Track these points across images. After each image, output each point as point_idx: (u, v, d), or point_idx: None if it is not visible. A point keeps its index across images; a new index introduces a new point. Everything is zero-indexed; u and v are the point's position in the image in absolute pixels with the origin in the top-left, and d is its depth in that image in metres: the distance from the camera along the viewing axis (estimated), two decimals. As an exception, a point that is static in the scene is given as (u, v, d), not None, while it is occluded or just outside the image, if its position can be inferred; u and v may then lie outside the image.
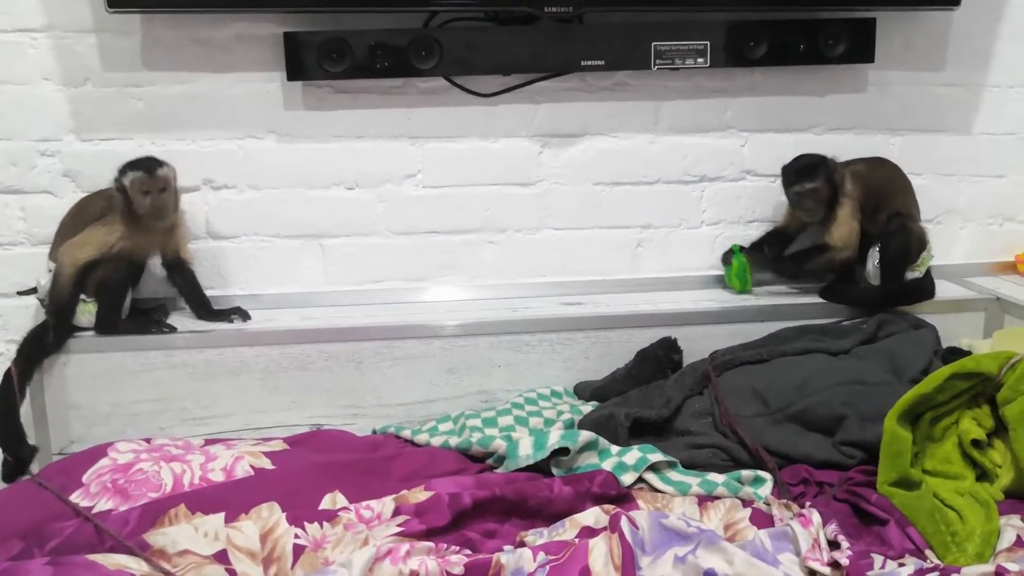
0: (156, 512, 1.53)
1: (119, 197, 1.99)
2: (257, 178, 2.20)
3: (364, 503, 1.56)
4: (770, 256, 2.30)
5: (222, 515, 1.51)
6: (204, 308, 2.12)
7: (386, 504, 1.55)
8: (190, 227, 2.15)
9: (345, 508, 1.55)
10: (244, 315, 2.11)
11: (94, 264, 1.99)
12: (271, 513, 1.51)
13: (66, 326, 2.00)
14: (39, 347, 1.97)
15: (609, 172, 2.32)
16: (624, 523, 1.43)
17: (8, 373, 1.93)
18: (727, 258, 2.32)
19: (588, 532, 1.50)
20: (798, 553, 1.42)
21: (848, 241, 2.21)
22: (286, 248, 2.24)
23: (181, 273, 2.11)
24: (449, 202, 2.27)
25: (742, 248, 2.31)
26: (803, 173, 2.20)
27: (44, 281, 2.02)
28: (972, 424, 1.71)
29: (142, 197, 1.97)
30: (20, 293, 2.14)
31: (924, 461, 1.70)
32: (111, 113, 2.12)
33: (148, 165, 1.99)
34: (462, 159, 2.26)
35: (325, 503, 1.59)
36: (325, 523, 1.50)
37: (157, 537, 1.46)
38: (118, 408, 2.02)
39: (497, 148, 2.27)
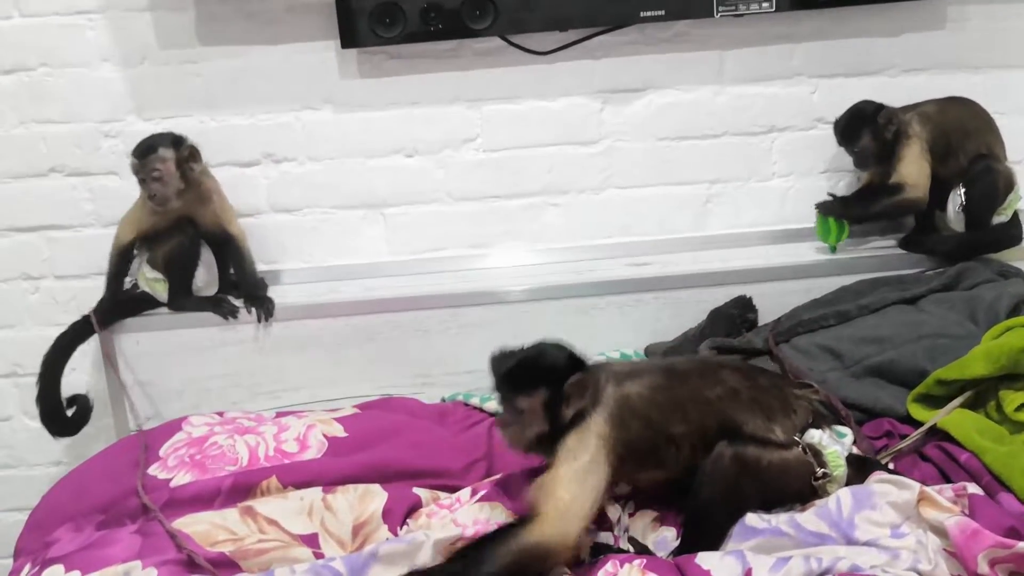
0: (248, 483, 1.54)
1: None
2: (316, 149, 2.19)
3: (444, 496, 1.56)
4: (837, 200, 2.20)
5: (319, 489, 1.51)
6: (248, 287, 2.07)
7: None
8: (226, 199, 2.09)
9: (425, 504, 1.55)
10: (267, 312, 2.03)
11: (155, 240, 2.00)
12: (371, 499, 1.50)
13: (110, 307, 2.02)
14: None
15: (673, 126, 2.25)
16: None
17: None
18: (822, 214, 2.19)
19: None
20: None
21: (918, 179, 2.10)
22: (347, 219, 2.23)
23: (231, 249, 2.07)
24: (509, 165, 2.23)
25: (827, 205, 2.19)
26: (847, 132, 2.12)
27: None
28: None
29: (140, 184, 1.95)
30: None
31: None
32: (169, 91, 2.13)
33: (141, 149, 1.95)
34: (521, 120, 2.21)
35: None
36: (409, 521, 1.49)
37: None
38: (190, 384, 2.04)
39: (556, 107, 2.21)
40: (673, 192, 2.28)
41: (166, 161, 1.95)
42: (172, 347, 2.03)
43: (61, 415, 2.00)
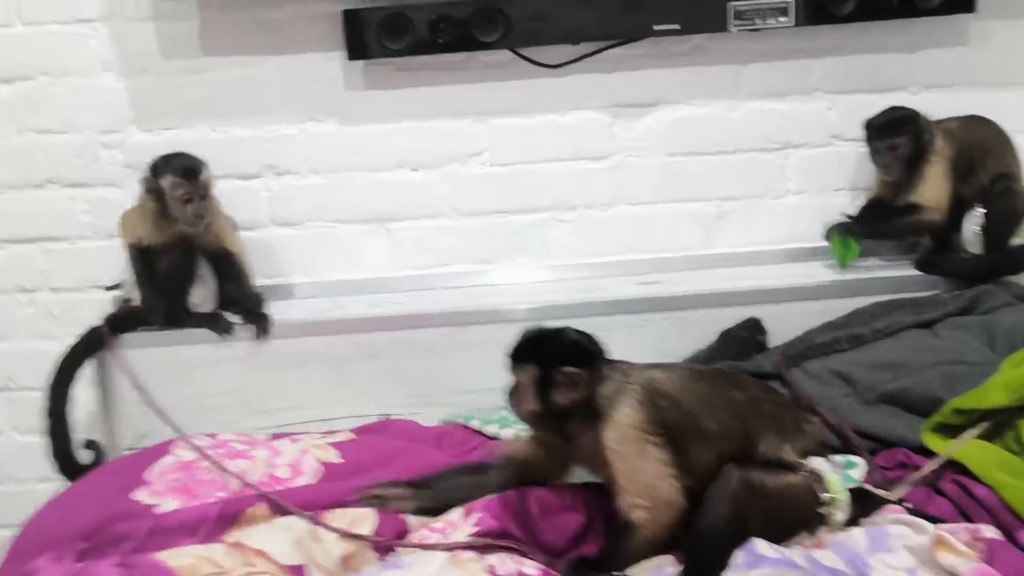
0: (235, 510, 1.50)
1: (150, 196, 1.90)
2: (319, 162, 2.15)
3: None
4: (854, 219, 2.14)
5: (307, 520, 1.47)
6: (246, 303, 2.02)
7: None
8: (228, 215, 2.05)
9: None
10: (265, 328, 1.99)
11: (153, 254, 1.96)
12: (359, 526, 1.46)
13: (165, 307, 1.96)
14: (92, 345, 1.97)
15: (686, 142, 2.20)
16: None
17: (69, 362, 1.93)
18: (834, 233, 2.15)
19: None
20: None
21: (938, 202, 2.05)
22: (350, 233, 2.19)
23: (228, 265, 2.02)
24: (517, 180, 2.19)
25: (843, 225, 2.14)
26: (887, 128, 2.06)
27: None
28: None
29: (182, 205, 1.88)
30: (107, 288, 2.10)
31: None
32: (171, 101, 2.10)
33: (189, 168, 1.88)
34: (530, 134, 2.17)
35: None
36: (399, 548, 1.45)
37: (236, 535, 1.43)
38: (185, 402, 1.98)
39: (566, 121, 2.17)
40: (684, 209, 2.24)
41: (211, 181, 1.91)
42: (167, 364, 1.98)
43: (73, 459, 1.94)
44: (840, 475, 1.46)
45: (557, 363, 1.43)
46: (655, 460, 1.40)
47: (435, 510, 1.53)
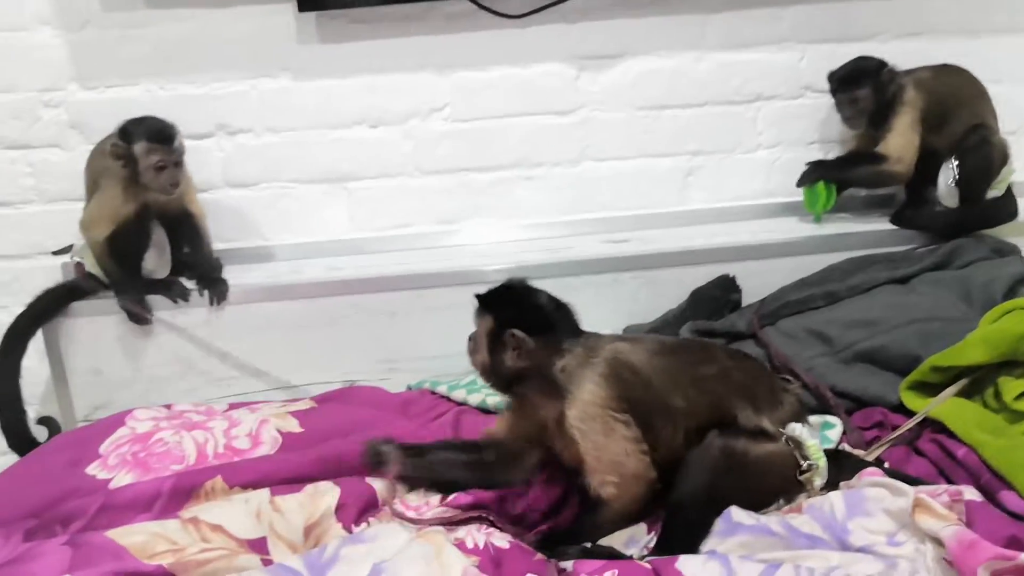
0: (191, 484, 1.43)
1: (118, 164, 1.80)
2: (274, 120, 2.07)
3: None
4: (816, 163, 2.12)
5: (266, 490, 1.41)
6: (207, 269, 1.95)
7: None
8: (191, 176, 1.96)
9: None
10: (221, 294, 1.91)
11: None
12: (321, 497, 1.40)
13: (137, 286, 1.89)
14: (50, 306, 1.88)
15: (654, 95, 2.14)
16: None
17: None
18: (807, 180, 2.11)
19: None
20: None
21: (904, 153, 2.03)
22: (308, 194, 2.12)
23: (188, 228, 1.94)
24: (480, 137, 2.12)
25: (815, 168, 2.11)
26: (847, 81, 2.03)
27: (79, 243, 1.91)
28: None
29: (155, 172, 1.80)
30: (55, 253, 2.00)
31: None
32: (114, 58, 1.99)
33: (164, 133, 1.79)
34: (492, 88, 2.10)
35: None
36: (372, 520, 1.40)
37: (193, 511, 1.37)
38: (141, 371, 1.94)
39: (530, 75, 2.10)
40: (653, 165, 2.19)
41: (183, 146, 1.83)
42: (120, 333, 1.91)
43: (27, 435, 1.86)
44: (818, 440, 1.42)
45: (510, 323, 1.39)
46: (621, 437, 1.35)
47: (417, 481, 1.48)
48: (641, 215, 2.18)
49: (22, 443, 1.85)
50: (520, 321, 1.39)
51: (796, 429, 1.39)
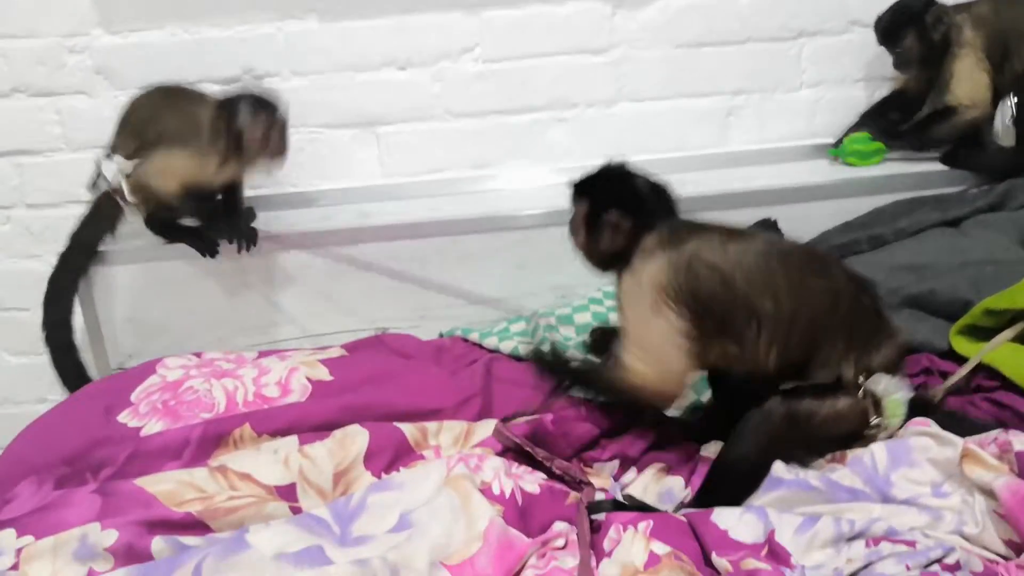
0: (220, 432, 1.42)
1: (224, 134, 1.77)
2: (300, 63, 2.03)
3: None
4: (891, 125, 2.04)
5: (294, 438, 1.40)
6: (233, 216, 1.92)
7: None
8: None
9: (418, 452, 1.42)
10: (252, 241, 1.90)
11: None
12: (351, 442, 1.38)
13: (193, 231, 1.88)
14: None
15: (693, 32, 2.08)
16: None
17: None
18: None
19: None
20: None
21: (976, 97, 1.94)
22: (338, 139, 2.08)
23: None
24: (512, 77, 2.07)
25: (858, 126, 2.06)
26: (889, 32, 1.96)
27: (110, 175, 1.84)
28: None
29: (262, 149, 1.80)
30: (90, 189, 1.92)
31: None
32: (138, 1, 1.95)
33: (271, 107, 1.78)
34: (525, 27, 2.04)
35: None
36: (402, 468, 1.38)
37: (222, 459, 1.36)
38: (173, 319, 1.94)
39: (564, 12, 2.04)
40: (692, 105, 2.13)
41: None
42: (152, 280, 1.91)
43: (83, 372, 1.88)
44: (903, 394, 1.32)
45: (608, 204, 1.41)
46: (668, 325, 1.30)
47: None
48: (679, 157, 2.13)
49: (78, 382, 1.86)
50: (617, 202, 1.41)
51: (881, 381, 1.30)
